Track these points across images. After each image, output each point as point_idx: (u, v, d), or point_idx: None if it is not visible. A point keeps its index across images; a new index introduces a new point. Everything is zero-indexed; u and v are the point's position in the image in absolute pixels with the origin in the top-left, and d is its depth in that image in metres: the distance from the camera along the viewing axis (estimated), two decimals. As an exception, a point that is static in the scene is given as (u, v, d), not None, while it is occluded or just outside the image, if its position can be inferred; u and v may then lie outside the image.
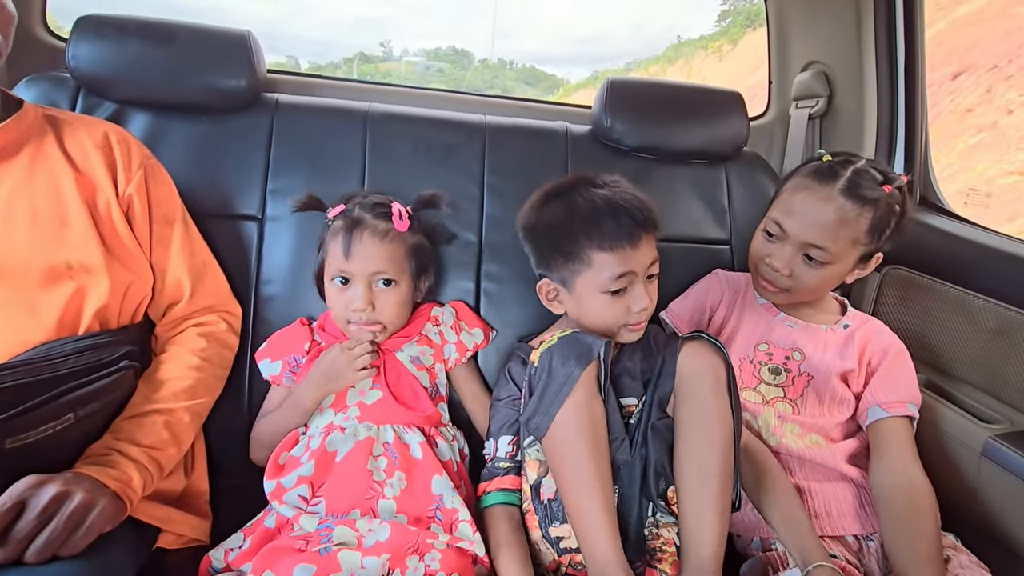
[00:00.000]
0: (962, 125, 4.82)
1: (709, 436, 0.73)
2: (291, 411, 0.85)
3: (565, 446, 0.72)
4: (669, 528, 0.76)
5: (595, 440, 0.72)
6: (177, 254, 0.83)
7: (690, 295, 1.01)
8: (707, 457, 0.73)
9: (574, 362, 0.73)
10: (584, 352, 0.74)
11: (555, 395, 0.72)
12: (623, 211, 0.80)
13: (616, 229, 0.79)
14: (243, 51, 0.99)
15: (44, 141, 0.75)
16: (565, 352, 0.74)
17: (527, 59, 57.78)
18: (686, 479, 0.74)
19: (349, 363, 0.83)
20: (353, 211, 0.88)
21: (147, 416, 0.72)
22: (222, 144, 0.99)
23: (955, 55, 5.29)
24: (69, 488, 0.59)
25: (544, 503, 0.78)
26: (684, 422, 0.75)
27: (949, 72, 5.16)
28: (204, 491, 0.86)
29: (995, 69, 4.98)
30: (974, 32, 5.38)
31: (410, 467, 0.79)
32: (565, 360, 0.73)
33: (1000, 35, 5.21)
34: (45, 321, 0.69)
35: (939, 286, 1.00)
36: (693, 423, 0.74)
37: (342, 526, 0.71)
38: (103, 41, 0.94)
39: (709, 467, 0.72)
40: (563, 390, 0.72)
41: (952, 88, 5.11)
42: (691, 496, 0.73)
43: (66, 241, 0.71)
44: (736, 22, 12.55)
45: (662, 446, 0.77)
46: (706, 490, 0.72)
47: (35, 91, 0.95)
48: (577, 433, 0.71)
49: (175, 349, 0.80)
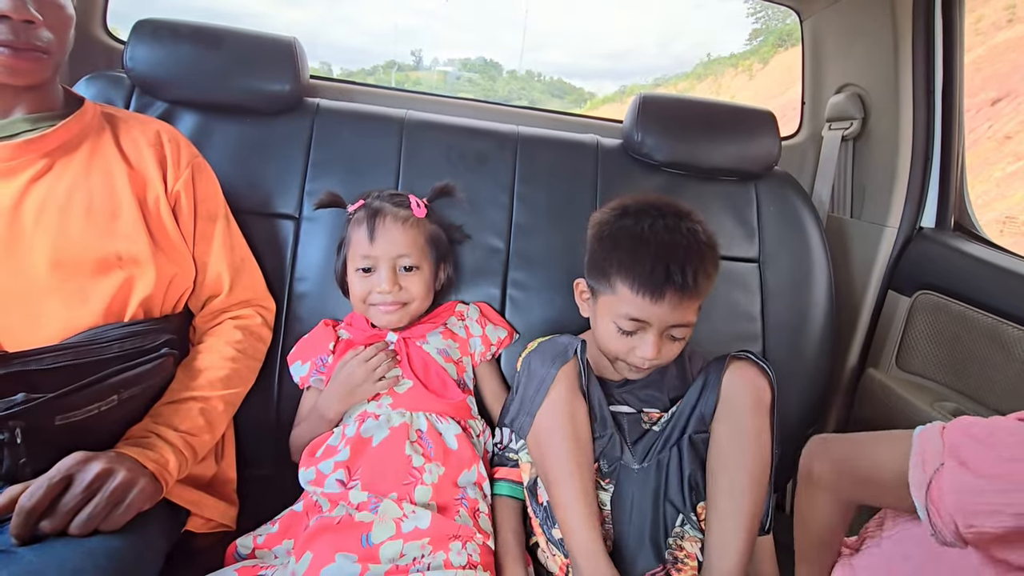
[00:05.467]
0: (1000, 152, 4.71)
1: (744, 454, 0.74)
2: (319, 422, 0.88)
3: (546, 441, 0.75)
4: (693, 542, 0.76)
5: (575, 434, 0.74)
6: (218, 249, 0.86)
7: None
8: (740, 474, 0.73)
9: (551, 362, 0.76)
10: (560, 352, 0.77)
11: (535, 395, 0.75)
12: (665, 262, 0.76)
13: (647, 276, 0.76)
14: (288, 57, 1.03)
15: (102, 137, 0.78)
16: (543, 354, 0.78)
17: (556, 72, 58.20)
18: (717, 493, 0.74)
19: (367, 375, 0.85)
20: (373, 203, 0.92)
21: (184, 402, 0.75)
22: (264, 145, 1.02)
23: (995, 81, 5.18)
24: (112, 466, 0.62)
25: (542, 506, 0.80)
26: (721, 438, 0.76)
27: (988, 98, 5.05)
28: (232, 479, 0.89)
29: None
30: (1014, 58, 5.27)
31: (447, 455, 0.81)
32: (543, 361, 0.77)
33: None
34: (94, 308, 0.73)
35: (972, 313, 0.98)
36: (730, 440, 0.75)
37: (386, 501, 0.73)
38: (159, 44, 0.99)
39: (741, 483, 0.73)
40: (541, 389, 0.75)
41: (991, 114, 5.00)
42: (720, 510, 0.73)
43: (117, 233, 0.75)
44: (767, 41, 12.47)
45: (697, 460, 0.78)
46: (735, 506, 0.72)
47: (93, 89, 1.00)
48: (557, 428, 0.74)
49: (212, 340, 0.84)
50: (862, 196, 1.23)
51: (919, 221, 1.15)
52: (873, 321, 1.19)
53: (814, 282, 1.11)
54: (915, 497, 0.56)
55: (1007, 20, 5.82)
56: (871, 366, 1.18)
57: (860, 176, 1.24)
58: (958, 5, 1.06)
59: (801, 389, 1.08)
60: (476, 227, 1.04)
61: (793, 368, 1.07)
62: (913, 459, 0.58)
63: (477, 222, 1.04)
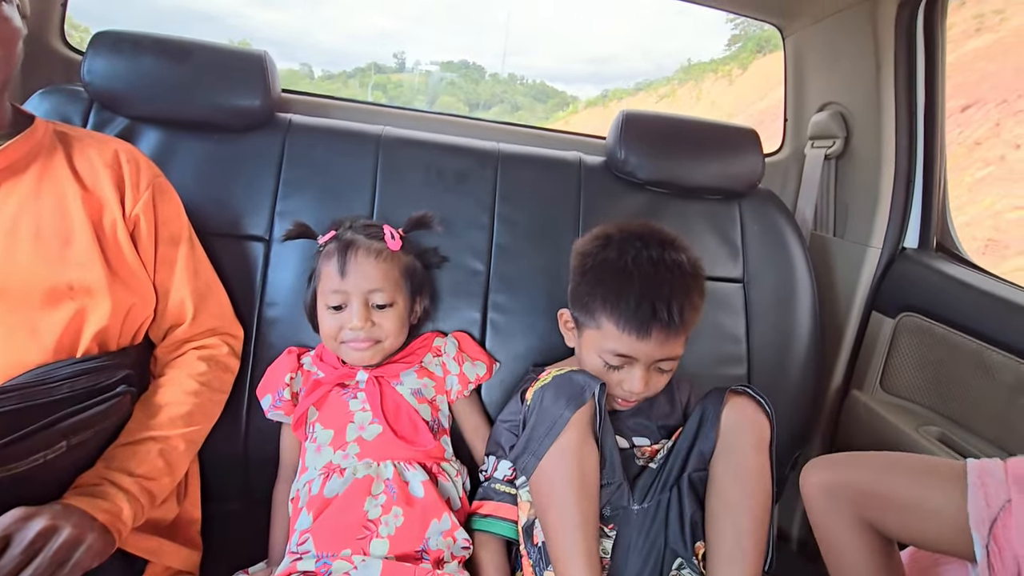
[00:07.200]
0: (970, 158, 4.83)
1: (747, 495, 0.71)
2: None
3: (551, 490, 0.70)
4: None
5: (582, 486, 0.70)
6: (181, 275, 0.81)
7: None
8: (744, 515, 0.71)
9: (565, 403, 0.71)
10: (576, 393, 0.71)
11: (544, 435, 0.71)
12: (651, 299, 0.74)
13: (632, 314, 0.74)
14: (258, 72, 0.98)
15: (53, 158, 0.73)
16: (558, 392, 0.72)
17: (539, 75, 58.42)
18: (719, 536, 0.71)
19: None
20: (345, 234, 0.87)
21: (142, 444, 0.70)
22: (232, 163, 0.98)
23: (964, 88, 5.31)
24: (57, 523, 0.57)
25: (537, 547, 0.76)
26: (722, 477, 0.73)
27: (958, 105, 5.18)
28: (196, 519, 0.84)
29: (1004, 104, 5.00)
30: (983, 67, 5.41)
31: (409, 504, 0.77)
32: (557, 399, 0.72)
33: (1010, 71, 5.24)
34: (44, 343, 0.67)
35: (955, 337, 0.98)
36: (732, 479, 0.73)
37: (339, 561, 0.70)
38: (119, 57, 0.93)
39: (745, 526, 0.70)
40: (552, 431, 0.70)
41: (961, 120, 5.12)
42: (723, 554, 0.71)
43: (69, 261, 0.70)
44: (746, 47, 12.66)
45: (696, 500, 0.75)
46: (739, 549, 0.70)
47: (48, 104, 0.94)
48: (564, 478, 0.69)
49: (174, 373, 0.79)
50: (845, 215, 1.23)
51: (902, 241, 1.14)
52: (857, 342, 1.18)
53: (798, 302, 1.10)
54: (976, 532, 0.53)
55: (976, 29, 5.99)
56: (855, 388, 1.17)
57: (843, 195, 1.23)
58: (940, 25, 1.06)
59: (786, 411, 1.06)
60: (455, 249, 1.00)
61: (778, 390, 1.06)
62: (973, 491, 0.54)
63: (456, 244, 1.00)
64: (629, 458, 0.81)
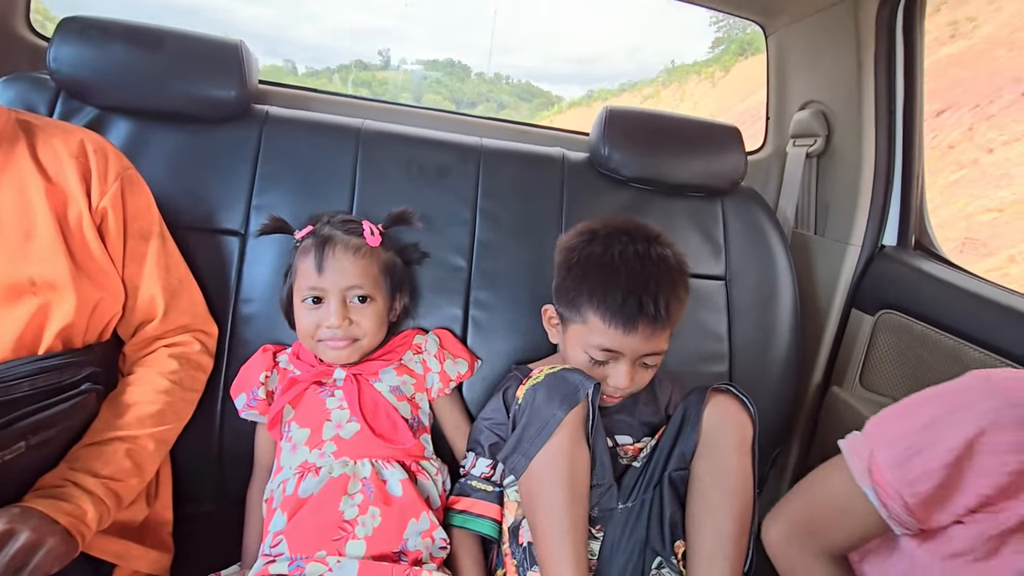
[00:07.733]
0: (944, 161, 4.94)
1: (729, 495, 0.71)
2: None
3: (541, 491, 0.69)
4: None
5: (573, 488, 0.68)
6: (152, 270, 0.79)
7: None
8: (725, 517, 0.70)
9: (558, 403, 0.69)
10: (570, 393, 0.70)
11: (535, 436, 0.69)
12: (637, 294, 0.74)
13: (618, 308, 0.74)
14: (235, 62, 0.96)
15: (15, 148, 0.70)
16: (550, 391, 0.71)
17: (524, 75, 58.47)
18: (700, 537, 0.71)
19: None
20: (322, 229, 0.85)
21: (108, 444, 0.68)
22: (206, 156, 0.95)
23: (938, 93, 5.44)
24: (14, 526, 0.54)
25: (522, 547, 0.75)
26: (703, 478, 0.73)
27: (933, 109, 5.30)
28: (167, 521, 0.81)
29: (977, 108, 5.12)
30: (956, 73, 5.54)
31: (387, 503, 0.75)
32: (550, 399, 0.70)
33: (982, 77, 5.38)
34: (3, 340, 0.64)
35: (933, 334, 0.99)
36: (713, 480, 0.72)
37: (313, 563, 0.68)
38: (87, 43, 0.90)
39: (727, 528, 0.70)
40: (544, 432, 0.69)
41: (935, 125, 5.24)
42: (703, 555, 0.70)
43: (31, 255, 0.67)
44: (729, 50, 12.79)
45: (677, 499, 0.74)
46: (720, 551, 0.69)
47: (12, 92, 0.90)
48: (554, 480, 0.68)
49: (144, 371, 0.76)
50: (826, 213, 1.23)
51: (881, 239, 1.15)
52: (837, 339, 1.19)
53: (780, 300, 1.10)
54: (862, 484, 0.60)
55: (950, 36, 6.13)
56: (835, 384, 1.18)
57: (824, 193, 1.24)
58: (919, 26, 1.08)
59: (767, 408, 1.06)
60: (437, 245, 0.99)
61: (759, 387, 1.06)
62: (847, 458, 0.63)
63: (438, 240, 0.99)
64: (613, 457, 0.80)
